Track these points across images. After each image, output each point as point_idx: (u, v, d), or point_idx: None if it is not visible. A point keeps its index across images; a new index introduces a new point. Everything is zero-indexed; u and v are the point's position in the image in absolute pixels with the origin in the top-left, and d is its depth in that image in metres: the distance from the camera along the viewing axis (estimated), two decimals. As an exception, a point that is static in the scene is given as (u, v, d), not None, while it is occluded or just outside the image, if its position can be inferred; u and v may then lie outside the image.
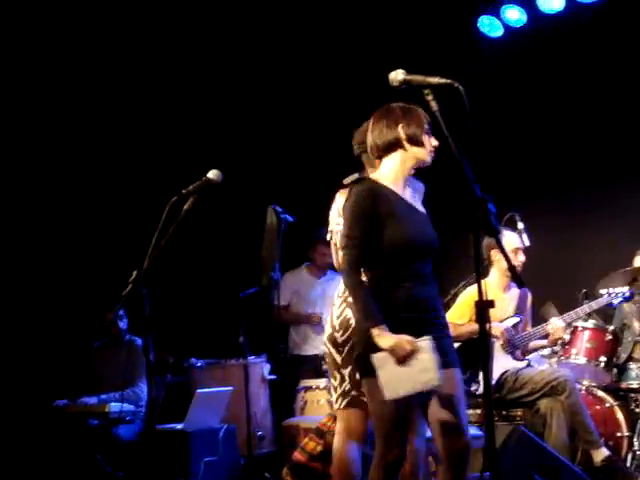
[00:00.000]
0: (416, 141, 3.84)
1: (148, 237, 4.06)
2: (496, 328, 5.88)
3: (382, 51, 7.33)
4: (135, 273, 4.01)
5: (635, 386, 6.49)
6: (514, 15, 7.68)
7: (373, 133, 3.93)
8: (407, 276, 3.78)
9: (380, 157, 3.95)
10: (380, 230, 3.77)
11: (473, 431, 4.90)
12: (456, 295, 6.30)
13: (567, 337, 6.42)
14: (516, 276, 3.24)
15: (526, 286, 5.96)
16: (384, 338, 3.64)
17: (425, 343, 3.64)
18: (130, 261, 4.21)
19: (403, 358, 3.59)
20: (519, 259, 6.01)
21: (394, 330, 3.65)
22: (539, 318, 6.37)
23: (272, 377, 7.24)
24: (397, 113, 3.87)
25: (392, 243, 3.76)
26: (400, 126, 3.84)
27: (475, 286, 3.28)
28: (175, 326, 7.61)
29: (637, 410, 6.36)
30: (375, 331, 3.65)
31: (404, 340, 3.62)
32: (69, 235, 7.91)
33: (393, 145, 3.87)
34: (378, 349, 3.65)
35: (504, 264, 5.81)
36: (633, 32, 7.41)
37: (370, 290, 3.75)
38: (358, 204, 3.83)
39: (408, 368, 3.61)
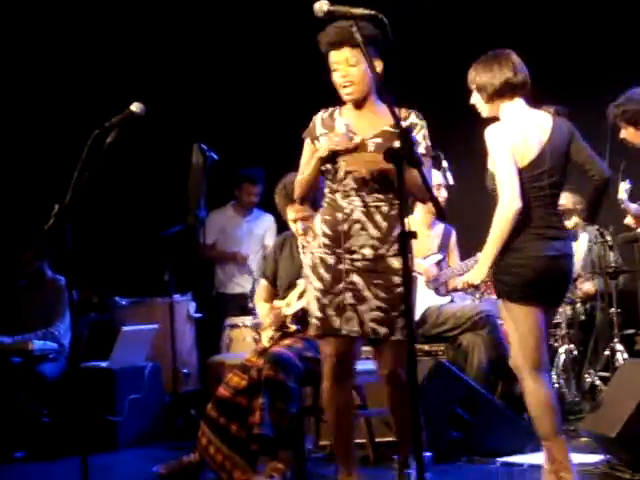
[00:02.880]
0: None
1: (70, 171, 4.01)
2: (419, 265, 5.96)
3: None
4: (57, 207, 3.95)
5: (554, 321, 6.63)
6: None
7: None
8: None
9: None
10: None
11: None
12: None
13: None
14: (439, 208, 3.26)
15: (449, 220, 6.04)
16: None
17: None
18: (51, 196, 4.15)
19: None
20: (441, 195, 6.08)
21: None
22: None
23: (198, 315, 7.24)
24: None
25: None
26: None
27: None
28: (99, 264, 7.55)
29: (556, 345, 6.52)
30: None
31: None
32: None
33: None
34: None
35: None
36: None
37: None
38: None
39: None
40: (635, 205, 5.71)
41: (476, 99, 4.27)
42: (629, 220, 5.82)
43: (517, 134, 4.07)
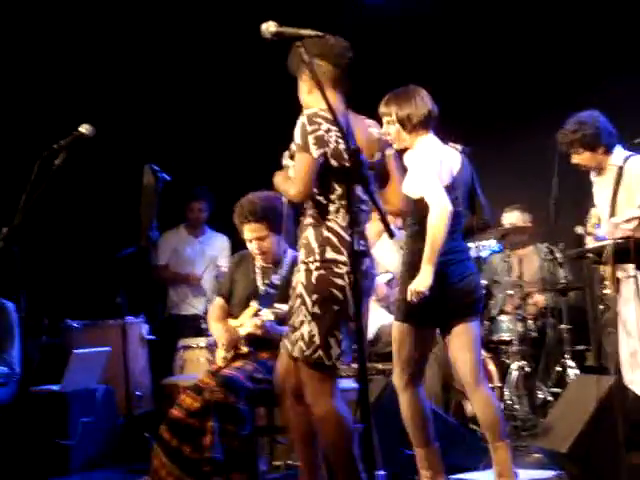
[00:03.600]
0: None
1: (18, 193, 3.98)
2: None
3: (261, 10, 7.28)
4: (5, 230, 3.92)
5: (506, 338, 6.69)
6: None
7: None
8: None
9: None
10: None
11: (349, 384, 4.99)
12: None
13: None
14: (387, 227, 3.29)
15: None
16: None
17: None
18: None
19: None
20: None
21: None
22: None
23: (151, 337, 7.20)
24: None
25: None
26: None
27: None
28: (50, 286, 7.48)
29: (507, 362, 6.57)
30: None
31: None
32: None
33: None
34: None
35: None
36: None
37: None
38: None
39: None
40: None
41: (394, 130, 4.43)
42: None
43: (437, 160, 4.31)
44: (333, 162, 3.86)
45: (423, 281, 4.20)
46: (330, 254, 3.84)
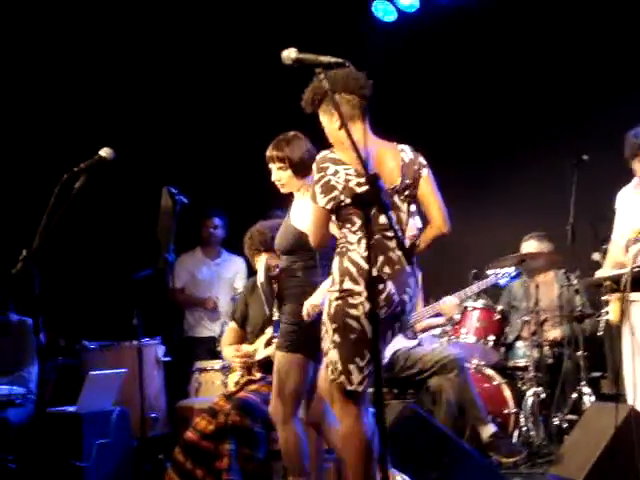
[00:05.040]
0: None
1: (38, 216, 4.01)
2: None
3: (277, 33, 7.34)
4: (25, 252, 3.95)
5: (522, 364, 6.68)
6: (407, 0, 7.77)
7: None
8: None
9: None
10: None
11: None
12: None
13: (457, 316, 6.57)
14: (405, 253, 3.30)
15: (417, 264, 6.07)
16: None
17: None
18: (20, 240, 4.15)
19: None
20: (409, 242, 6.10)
21: None
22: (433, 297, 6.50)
23: (166, 359, 7.21)
24: None
25: None
26: None
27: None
28: (67, 307, 7.51)
29: (523, 387, 6.56)
30: None
31: None
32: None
33: None
34: None
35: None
36: (525, 16, 7.59)
37: None
38: None
39: None
40: None
41: (285, 175, 4.56)
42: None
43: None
44: (344, 199, 3.92)
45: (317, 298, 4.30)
46: (347, 284, 3.90)
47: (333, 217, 3.99)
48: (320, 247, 4.06)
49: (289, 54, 3.40)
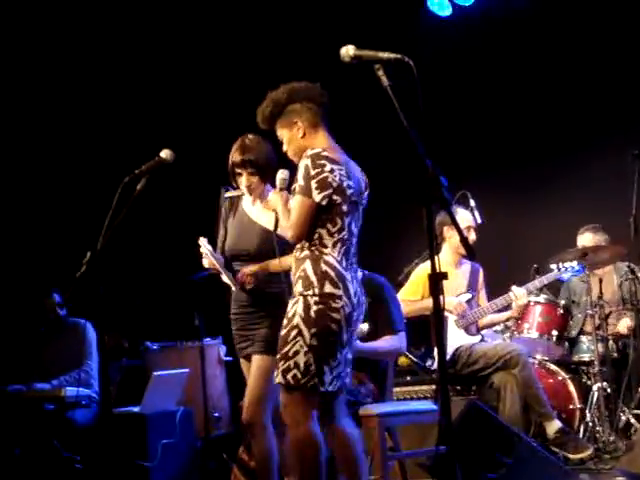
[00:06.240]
0: None
1: (101, 219, 4.05)
2: (450, 302, 5.94)
3: (333, 29, 7.34)
4: (89, 254, 3.99)
5: (586, 359, 6.61)
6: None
7: None
8: None
9: None
10: None
11: (429, 406, 4.96)
12: (409, 273, 6.35)
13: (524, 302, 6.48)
14: (468, 247, 3.27)
15: (477, 259, 6.04)
16: None
17: None
18: (82, 243, 4.19)
19: None
20: (470, 237, 6.07)
21: None
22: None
23: (228, 359, 7.24)
24: None
25: None
26: None
27: (427, 263, 3.32)
28: (130, 309, 7.58)
29: (588, 382, 6.49)
30: None
31: None
32: (20, 218, 7.80)
33: None
34: None
35: (456, 240, 5.90)
36: (579, 11, 7.51)
37: None
38: None
39: None
40: None
41: (255, 180, 4.71)
42: None
43: None
44: (337, 198, 3.95)
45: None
46: (328, 288, 3.90)
47: None
48: (299, 241, 4.00)
49: (347, 51, 3.39)
